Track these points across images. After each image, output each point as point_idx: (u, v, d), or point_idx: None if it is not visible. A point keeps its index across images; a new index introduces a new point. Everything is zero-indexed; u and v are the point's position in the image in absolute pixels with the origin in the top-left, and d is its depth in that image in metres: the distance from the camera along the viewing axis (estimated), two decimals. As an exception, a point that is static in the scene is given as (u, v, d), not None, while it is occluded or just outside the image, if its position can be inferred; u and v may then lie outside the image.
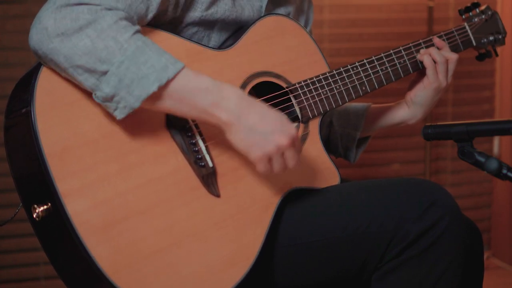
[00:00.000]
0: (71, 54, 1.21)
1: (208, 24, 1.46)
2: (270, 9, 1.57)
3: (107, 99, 1.23)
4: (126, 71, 1.22)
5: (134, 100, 1.23)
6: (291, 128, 1.31)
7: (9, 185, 2.54)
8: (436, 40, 1.66)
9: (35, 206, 1.23)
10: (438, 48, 1.64)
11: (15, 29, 2.58)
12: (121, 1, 1.26)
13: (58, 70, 1.25)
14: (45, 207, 1.23)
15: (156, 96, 1.24)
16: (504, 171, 1.24)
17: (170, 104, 1.26)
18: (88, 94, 1.27)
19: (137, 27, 1.26)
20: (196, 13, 1.42)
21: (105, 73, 1.22)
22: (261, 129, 1.28)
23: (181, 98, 1.25)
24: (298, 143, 1.33)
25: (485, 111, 3.15)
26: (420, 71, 1.65)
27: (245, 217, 1.36)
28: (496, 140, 3.17)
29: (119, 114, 1.24)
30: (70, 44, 1.21)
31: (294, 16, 1.65)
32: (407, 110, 1.67)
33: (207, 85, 1.27)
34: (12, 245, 2.67)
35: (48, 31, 1.21)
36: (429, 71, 1.60)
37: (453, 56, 1.62)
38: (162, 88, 1.23)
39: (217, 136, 1.38)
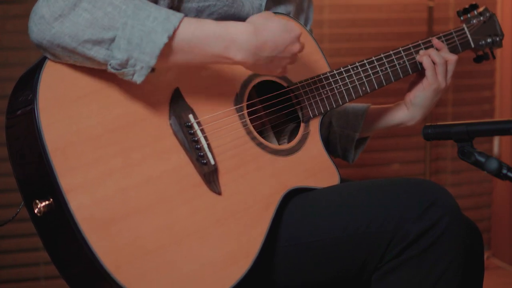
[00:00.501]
0: (75, 32, 1.22)
1: (206, 17, 1.46)
2: (270, 7, 1.57)
3: (122, 65, 1.23)
4: (132, 29, 1.22)
5: (149, 58, 1.23)
6: (295, 30, 1.38)
7: (9, 185, 2.57)
8: (435, 41, 1.66)
9: (37, 201, 1.23)
10: (437, 49, 1.64)
11: (15, 29, 2.58)
12: None
13: (67, 56, 1.25)
14: (47, 202, 1.23)
15: (168, 49, 1.25)
16: (504, 171, 1.24)
17: (182, 57, 1.28)
18: (91, 90, 1.27)
19: None
20: (192, 4, 1.43)
21: (113, 39, 1.22)
22: (277, 51, 1.35)
23: (191, 48, 1.28)
24: (305, 32, 1.46)
25: (485, 111, 3.15)
26: (419, 72, 1.65)
27: (246, 215, 1.36)
28: (496, 140, 3.17)
29: (138, 78, 1.25)
30: (70, 22, 1.21)
31: (294, 15, 1.65)
32: (406, 112, 1.67)
33: (214, 30, 1.30)
34: (12, 245, 2.67)
35: (46, 18, 1.21)
36: (428, 72, 1.60)
37: (452, 58, 1.62)
38: (171, 39, 1.25)
39: (220, 133, 1.39)
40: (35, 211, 1.23)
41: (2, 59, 2.59)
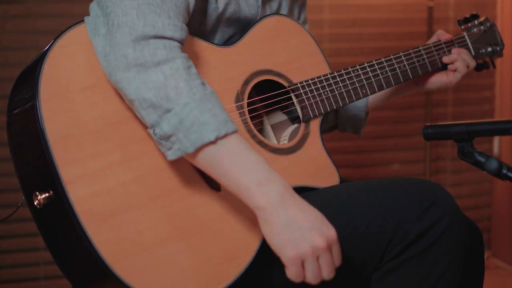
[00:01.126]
0: (142, 86, 1.21)
1: (218, 28, 1.48)
2: (265, 2, 1.58)
3: (164, 137, 1.23)
4: (190, 113, 1.21)
5: (190, 144, 1.21)
6: (331, 229, 1.21)
7: (9, 185, 2.57)
8: (456, 50, 1.76)
9: (37, 193, 1.23)
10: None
11: (15, 29, 2.58)
12: (182, 29, 1.27)
13: (123, 96, 1.26)
14: (47, 194, 1.23)
15: (210, 149, 1.22)
16: (504, 171, 1.24)
17: (218, 165, 1.22)
18: (93, 83, 1.28)
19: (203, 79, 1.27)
20: (206, 27, 1.44)
21: (169, 111, 1.21)
22: (300, 224, 1.18)
23: (231, 162, 1.21)
24: (336, 248, 1.22)
25: (485, 111, 3.16)
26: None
27: (245, 212, 1.36)
28: (496, 140, 3.17)
29: (172, 155, 1.24)
30: (145, 75, 1.21)
31: (289, 5, 1.66)
32: (414, 88, 1.80)
33: (259, 160, 1.22)
34: (12, 245, 2.66)
35: (128, 59, 1.21)
36: (458, 75, 1.76)
37: (473, 64, 1.77)
38: (218, 139, 1.21)
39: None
40: (35, 203, 1.23)
41: (2, 59, 2.59)
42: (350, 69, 1.60)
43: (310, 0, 2.73)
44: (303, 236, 1.18)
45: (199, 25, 1.46)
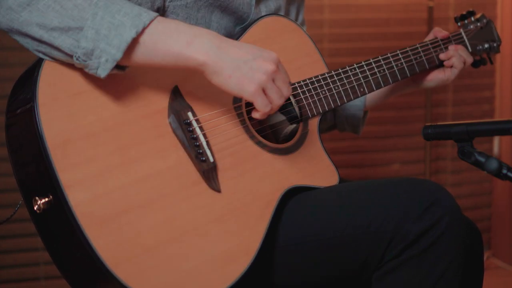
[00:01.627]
0: (42, 20, 1.21)
1: (200, 16, 1.46)
2: (261, 0, 1.57)
3: (87, 55, 1.22)
4: (102, 21, 1.21)
5: (115, 50, 1.22)
6: (270, 52, 1.29)
7: (9, 185, 2.57)
8: (452, 46, 1.77)
9: (36, 198, 1.23)
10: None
11: (15, 29, 2.58)
12: None
13: (36, 46, 1.25)
14: (47, 199, 1.23)
15: (134, 45, 1.24)
16: (504, 171, 1.24)
17: (145, 54, 1.25)
18: (91, 87, 1.28)
19: None
20: (178, 2, 1.43)
21: (81, 28, 1.21)
22: (244, 58, 1.26)
23: (154, 43, 1.24)
24: (282, 66, 1.31)
25: (485, 111, 3.16)
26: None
27: (245, 213, 1.36)
28: (496, 140, 3.17)
29: (102, 72, 1.23)
30: (38, 12, 1.21)
31: (284, 10, 1.66)
32: (412, 86, 1.82)
33: (178, 25, 1.25)
34: (12, 245, 2.67)
35: (13, 8, 1.22)
36: (455, 70, 1.76)
37: (470, 60, 1.78)
38: (139, 35, 1.23)
39: (219, 131, 1.39)
40: (35, 208, 1.23)
41: (2, 59, 2.59)
42: (347, 68, 1.60)
43: (310, 0, 2.73)
44: (252, 68, 1.25)
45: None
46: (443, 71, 1.77)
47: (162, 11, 1.44)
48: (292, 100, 1.54)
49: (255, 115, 1.32)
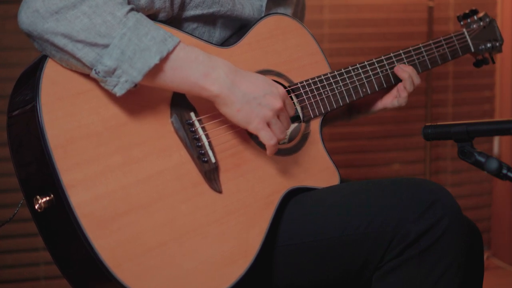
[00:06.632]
0: (69, 31, 1.21)
1: (208, 21, 1.46)
2: (270, 8, 1.58)
3: (108, 73, 1.23)
4: (129, 42, 1.22)
5: (137, 73, 1.23)
6: (279, 87, 1.35)
7: (9, 185, 2.57)
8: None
9: (38, 197, 1.23)
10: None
11: (15, 29, 2.54)
12: None
13: (54, 51, 1.24)
14: (48, 198, 1.23)
15: (156, 71, 1.25)
16: (504, 171, 1.24)
17: (162, 78, 1.27)
18: (93, 86, 1.27)
19: (132, 5, 1.27)
20: (192, 12, 1.43)
21: (106, 46, 1.22)
22: (255, 95, 1.31)
23: (174, 70, 1.27)
24: (289, 102, 1.38)
25: (485, 111, 3.16)
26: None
27: (246, 214, 1.36)
28: (496, 140, 3.17)
29: (119, 90, 1.25)
30: (66, 21, 1.21)
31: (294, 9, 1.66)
32: (363, 112, 1.75)
33: (198, 55, 1.29)
34: (12, 245, 2.67)
35: (40, 12, 1.21)
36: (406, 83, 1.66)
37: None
38: (162, 61, 1.25)
39: (221, 132, 1.39)
40: (36, 207, 1.23)
41: (2, 59, 2.59)
42: (350, 68, 1.60)
43: (310, 0, 2.73)
44: (261, 104, 1.32)
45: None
46: (396, 94, 1.70)
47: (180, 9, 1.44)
48: (295, 100, 1.54)
49: (267, 152, 1.37)
